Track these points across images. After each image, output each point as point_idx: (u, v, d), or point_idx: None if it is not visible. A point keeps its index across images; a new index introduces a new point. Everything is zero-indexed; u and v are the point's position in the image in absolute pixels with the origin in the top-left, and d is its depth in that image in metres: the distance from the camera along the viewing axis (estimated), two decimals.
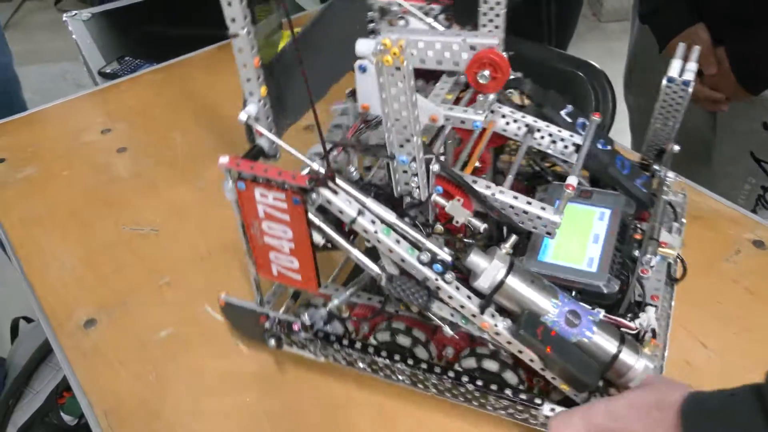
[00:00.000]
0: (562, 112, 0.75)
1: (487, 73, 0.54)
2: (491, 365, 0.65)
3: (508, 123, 0.74)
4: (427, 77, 0.73)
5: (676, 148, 0.78)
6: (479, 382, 0.65)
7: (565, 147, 0.73)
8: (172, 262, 0.89)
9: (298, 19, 1.47)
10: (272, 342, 0.72)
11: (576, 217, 0.71)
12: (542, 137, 0.73)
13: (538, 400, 0.63)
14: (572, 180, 0.59)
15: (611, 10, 3.09)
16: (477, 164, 0.74)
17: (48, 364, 1.33)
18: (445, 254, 0.60)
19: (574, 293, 0.64)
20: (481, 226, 0.64)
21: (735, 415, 0.49)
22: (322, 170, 0.60)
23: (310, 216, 0.60)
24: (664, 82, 0.74)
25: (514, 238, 0.62)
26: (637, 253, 0.69)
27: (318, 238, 0.62)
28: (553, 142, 0.73)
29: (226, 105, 1.19)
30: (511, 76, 0.73)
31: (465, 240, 0.67)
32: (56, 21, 1.58)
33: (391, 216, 0.61)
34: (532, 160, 0.81)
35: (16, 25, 3.61)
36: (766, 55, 1.03)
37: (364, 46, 0.53)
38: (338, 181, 0.60)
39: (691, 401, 0.52)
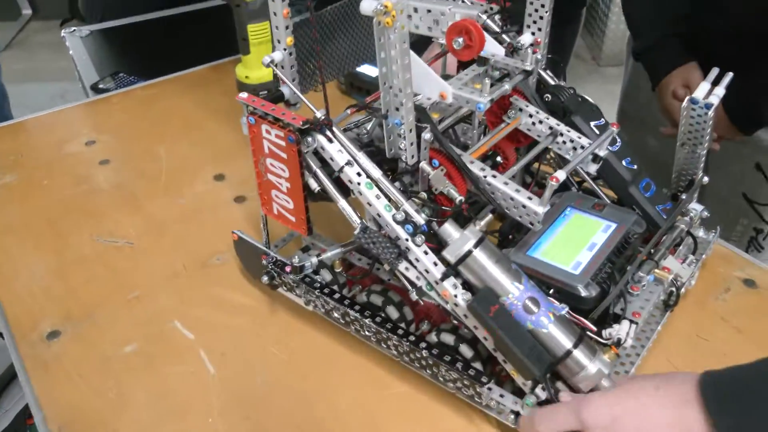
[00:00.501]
0: (592, 123, 0.76)
1: (461, 39, 0.57)
2: (448, 338, 0.67)
3: (534, 123, 0.76)
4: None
5: (706, 179, 0.79)
6: (434, 351, 0.66)
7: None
8: (145, 276, 0.86)
9: None
10: (265, 278, 0.77)
11: (581, 226, 0.73)
12: (564, 142, 0.75)
13: (484, 378, 0.63)
14: (559, 174, 0.60)
15: (610, 54, 3.13)
16: (499, 159, 0.79)
17: (19, 383, 1.29)
18: (418, 217, 0.63)
19: (552, 291, 0.64)
20: (458, 197, 0.66)
21: (760, 377, 0.50)
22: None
23: (307, 159, 0.66)
24: (685, 103, 0.73)
25: (489, 216, 0.64)
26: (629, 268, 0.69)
27: (314, 184, 0.67)
28: (574, 149, 0.74)
29: (214, 123, 1.18)
30: (552, 82, 0.79)
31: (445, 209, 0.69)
32: (60, 42, 1.58)
33: (377, 172, 0.64)
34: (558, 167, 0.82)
35: (20, 44, 3.63)
36: (758, 96, 1.02)
37: (366, 5, 0.55)
38: (335, 130, 0.65)
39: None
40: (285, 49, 0.70)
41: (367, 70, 1.21)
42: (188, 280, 0.86)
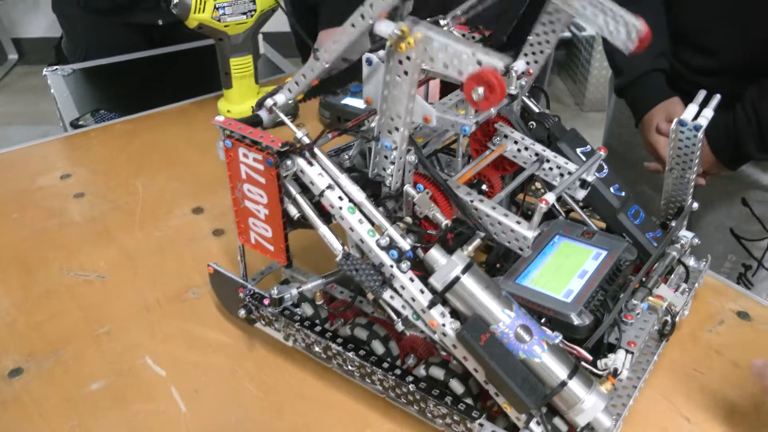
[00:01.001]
0: (578, 150, 0.75)
1: (481, 90, 0.52)
2: (437, 372, 0.63)
3: (519, 150, 0.75)
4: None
5: (695, 205, 0.77)
6: (422, 384, 0.63)
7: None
8: (116, 311, 0.82)
9: (275, 81, 1.46)
10: (242, 312, 0.73)
11: (570, 254, 0.71)
12: (550, 168, 0.74)
13: (475, 413, 0.60)
14: (549, 197, 0.58)
15: (593, 100, 3.18)
16: (484, 187, 0.77)
17: None
18: (403, 242, 0.60)
19: (543, 320, 0.61)
20: (444, 221, 0.64)
21: None
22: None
23: (286, 184, 0.64)
24: (674, 125, 0.72)
25: (477, 241, 0.60)
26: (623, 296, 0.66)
27: (293, 210, 0.65)
28: (561, 175, 0.73)
29: (195, 157, 1.16)
30: (536, 110, 0.79)
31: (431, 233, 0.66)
32: (44, 85, 1.57)
33: (360, 195, 0.62)
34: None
35: (5, 88, 3.62)
36: (742, 130, 1.02)
37: (383, 26, 0.53)
38: (317, 151, 0.62)
39: None
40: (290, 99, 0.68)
41: (353, 102, 1.19)
42: (161, 314, 0.82)
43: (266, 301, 0.71)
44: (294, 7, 1.91)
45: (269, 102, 0.66)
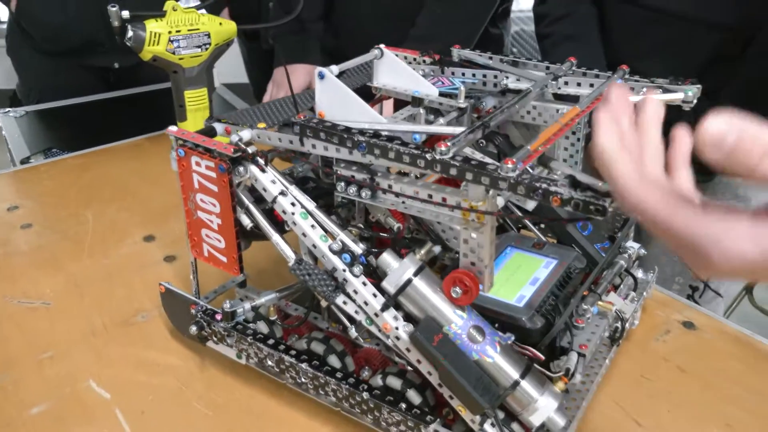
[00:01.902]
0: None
1: (458, 289, 0.56)
2: (394, 382, 0.63)
3: None
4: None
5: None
6: (375, 392, 0.62)
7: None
8: (61, 336, 0.80)
9: None
10: (194, 328, 0.72)
11: (522, 263, 0.72)
12: None
13: (429, 418, 0.59)
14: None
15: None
16: None
17: None
18: (355, 246, 0.60)
19: (496, 325, 0.61)
20: (395, 225, 0.64)
21: None
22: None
23: (239, 194, 0.64)
24: None
25: (429, 245, 0.60)
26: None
27: (246, 220, 0.65)
28: None
29: (147, 189, 1.15)
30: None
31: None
32: None
33: (310, 204, 0.63)
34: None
35: None
36: None
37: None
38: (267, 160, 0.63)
39: None
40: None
41: None
42: (108, 338, 0.80)
43: (218, 317, 0.70)
44: (250, 54, 1.94)
45: (234, 138, 0.64)
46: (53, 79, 1.65)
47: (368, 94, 0.96)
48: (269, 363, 0.68)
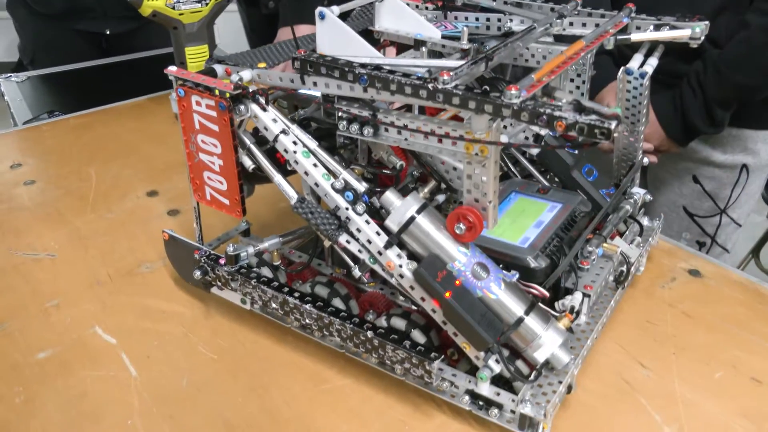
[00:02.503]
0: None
1: (462, 226, 0.56)
2: (399, 322, 0.63)
3: None
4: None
5: (646, 161, 0.79)
6: (380, 331, 0.62)
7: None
8: (66, 286, 0.80)
9: None
10: (198, 273, 0.71)
11: (526, 208, 0.72)
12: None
13: (434, 355, 0.59)
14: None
15: None
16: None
17: None
18: (358, 184, 0.60)
19: (501, 266, 0.60)
20: (398, 162, 0.64)
21: None
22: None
23: (241, 135, 0.63)
24: (620, 74, 0.73)
25: (432, 183, 0.58)
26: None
27: (248, 162, 0.64)
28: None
29: (150, 148, 1.14)
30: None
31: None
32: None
33: (312, 143, 0.62)
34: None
35: None
36: (689, 105, 1.05)
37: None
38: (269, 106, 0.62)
39: None
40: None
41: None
42: (113, 288, 0.80)
43: (222, 261, 0.70)
44: (250, 20, 1.92)
45: (234, 77, 0.64)
46: (46, 41, 1.65)
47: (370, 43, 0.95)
48: (273, 306, 0.68)
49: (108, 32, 1.60)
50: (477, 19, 0.78)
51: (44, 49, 1.61)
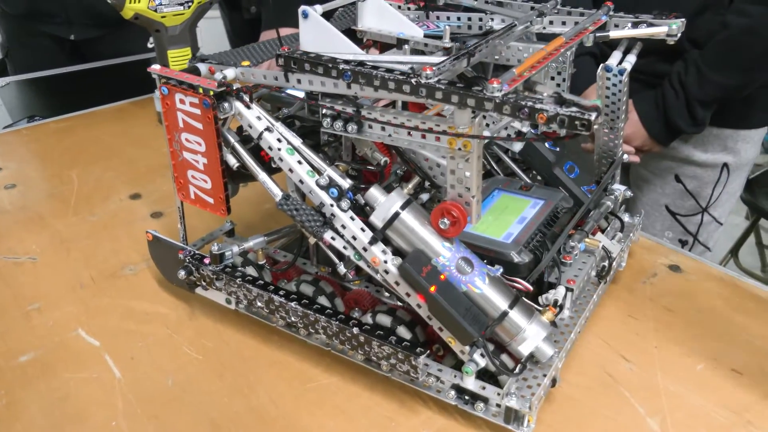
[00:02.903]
0: None
1: (446, 221, 0.56)
2: (384, 319, 0.63)
3: None
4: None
5: (626, 157, 0.80)
6: (365, 327, 0.62)
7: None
8: (48, 289, 0.79)
9: None
10: (182, 273, 0.71)
11: (509, 204, 0.73)
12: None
13: (419, 350, 0.59)
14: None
15: None
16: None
17: None
18: (343, 180, 0.60)
19: (485, 262, 0.61)
20: (382, 159, 0.64)
21: None
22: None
23: (225, 133, 0.63)
24: (600, 71, 0.74)
25: (416, 180, 0.59)
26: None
27: (232, 160, 0.64)
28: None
29: (132, 150, 1.14)
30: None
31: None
32: None
33: (296, 140, 0.62)
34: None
35: None
36: (671, 105, 1.06)
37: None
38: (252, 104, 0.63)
39: None
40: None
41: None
42: (96, 290, 0.79)
43: (206, 260, 0.70)
44: (232, 24, 1.92)
45: (219, 75, 0.64)
46: (18, 39, 1.64)
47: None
48: (259, 305, 0.68)
49: (72, 38, 1.59)
50: (459, 18, 0.79)
51: (17, 45, 1.61)
